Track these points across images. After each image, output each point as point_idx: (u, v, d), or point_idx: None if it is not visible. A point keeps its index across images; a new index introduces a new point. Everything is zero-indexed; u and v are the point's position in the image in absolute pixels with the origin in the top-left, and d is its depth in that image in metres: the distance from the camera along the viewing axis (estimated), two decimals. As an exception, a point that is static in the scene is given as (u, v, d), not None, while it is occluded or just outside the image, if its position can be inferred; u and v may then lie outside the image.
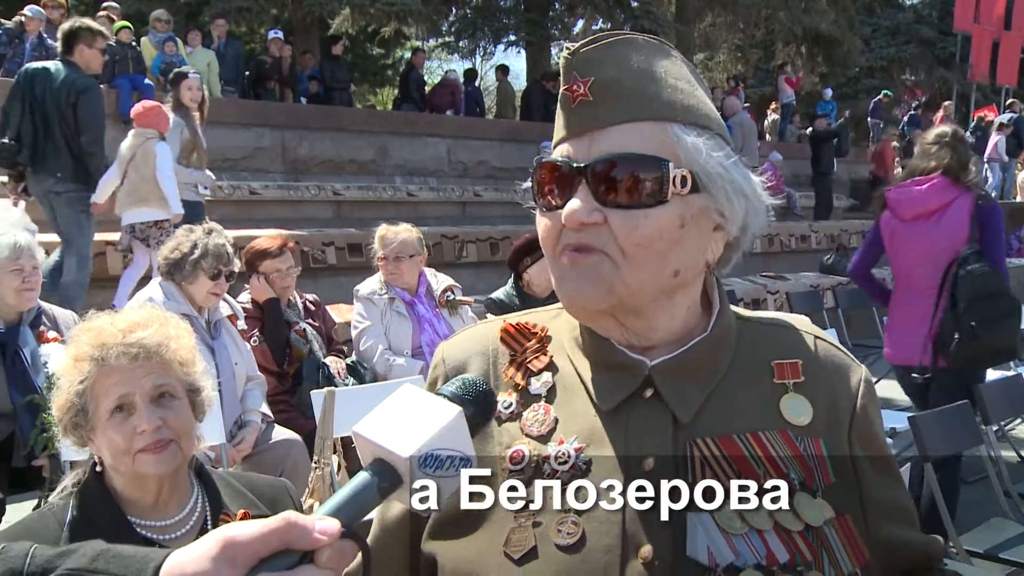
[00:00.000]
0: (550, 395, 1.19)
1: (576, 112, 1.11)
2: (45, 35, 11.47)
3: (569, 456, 1.12)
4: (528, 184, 1.20)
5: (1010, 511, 4.39)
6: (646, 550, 1.04)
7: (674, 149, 1.09)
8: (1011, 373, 6.55)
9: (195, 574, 0.80)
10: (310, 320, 5.15)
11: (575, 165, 1.10)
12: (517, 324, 1.27)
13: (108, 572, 0.84)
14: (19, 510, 3.55)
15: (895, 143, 18.61)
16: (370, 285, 5.29)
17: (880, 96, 23.64)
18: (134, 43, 11.60)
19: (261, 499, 2.12)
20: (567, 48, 1.13)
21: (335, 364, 4.99)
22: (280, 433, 4.45)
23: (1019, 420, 6.90)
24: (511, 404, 1.19)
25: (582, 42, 1.13)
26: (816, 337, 1.23)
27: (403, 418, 0.90)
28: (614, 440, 1.12)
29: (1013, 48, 23.33)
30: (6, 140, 6.71)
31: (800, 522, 1.07)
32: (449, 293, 5.37)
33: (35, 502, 3.81)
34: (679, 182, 1.08)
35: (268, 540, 0.80)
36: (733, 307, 1.24)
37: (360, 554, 0.85)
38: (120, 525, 1.91)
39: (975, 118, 21.78)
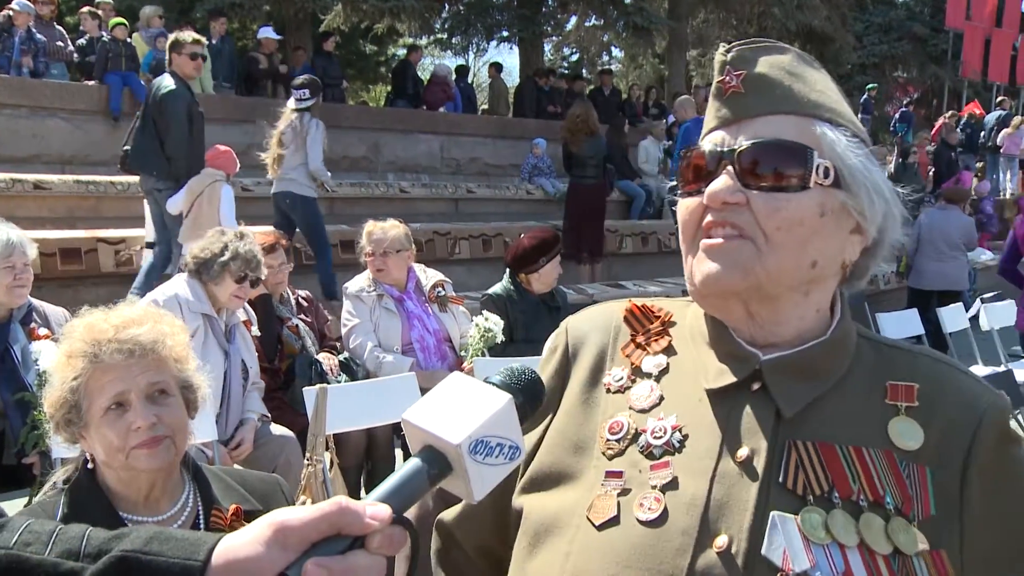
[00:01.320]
0: (660, 375, 1.22)
1: (727, 103, 1.17)
2: (34, 30, 11.44)
3: (665, 431, 1.14)
4: (672, 183, 1.24)
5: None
6: (721, 540, 1.04)
7: (818, 142, 1.12)
8: (1001, 369, 6.59)
9: (247, 558, 0.81)
10: (303, 316, 5.15)
11: (721, 150, 1.14)
12: (643, 306, 1.30)
13: (162, 554, 0.85)
14: (9, 508, 3.54)
15: (929, 147, 18.48)
16: (359, 282, 5.30)
17: (869, 91, 23.72)
18: (128, 40, 11.58)
19: (253, 494, 2.12)
20: (724, 45, 1.18)
21: (328, 361, 4.99)
22: (274, 430, 4.46)
23: (1010, 416, 6.92)
24: (622, 378, 1.23)
25: (738, 42, 1.18)
26: (940, 362, 1.20)
27: (453, 406, 0.91)
28: (714, 425, 1.13)
29: (1004, 45, 23.47)
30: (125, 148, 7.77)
31: (889, 545, 1.04)
32: (439, 289, 5.38)
33: (25, 500, 3.81)
34: (822, 172, 1.11)
35: (319, 525, 0.81)
36: (868, 330, 1.25)
37: (409, 540, 0.86)
38: (112, 521, 1.90)
39: (964, 115, 21.89)
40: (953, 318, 8.15)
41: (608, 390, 1.22)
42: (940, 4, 24.45)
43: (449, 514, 1.37)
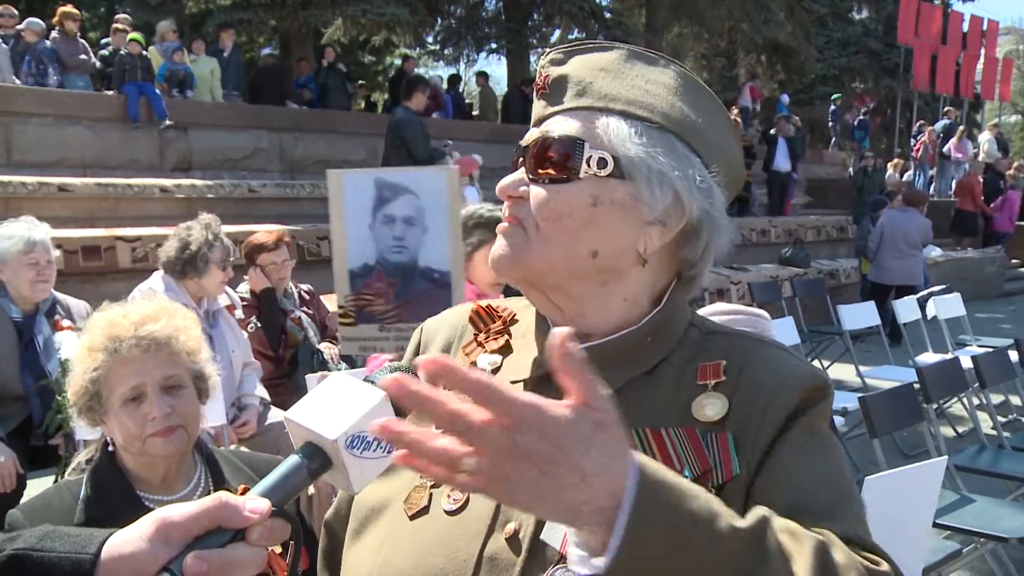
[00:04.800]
0: (493, 372, 1.18)
1: (537, 102, 1.15)
2: (47, 43, 11.57)
3: None
4: None
5: (947, 481, 4.45)
6: (511, 526, 1.02)
7: (600, 134, 1.08)
8: (949, 356, 6.64)
9: (132, 553, 0.79)
10: (305, 309, 5.15)
11: (521, 146, 1.13)
12: (487, 307, 1.27)
13: (53, 550, 0.82)
14: (37, 486, 3.54)
15: (982, 175, 18.35)
16: (362, 277, 5.30)
17: (835, 101, 23.82)
18: (144, 53, 11.55)
19: (259, 475, 2.11)
20: (547, 50, 1.15)
21: (329, 350, 4.99)
22: (276, 415, 4.44)
23: (956, 399, 6.98)
24: None
25: (561, 45, 1.15)
26: (761, 343, 1.14)
27: (332, 403, 0.90)
28: None
29: (949, 61, 23.70)
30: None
31: None
32: None
33: (52, 478, 3.81)
34: (595, 163, 1.07)
35: (200, 519, 0.79)
36: (709, 320, 1.19)
37: (290, 532, 0.84)
38: (131, 500, 1.91)
39: (918, 125, 22.06)
40: (907, 309, 8.21)
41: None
42: (892, 22, 24.53)
43: (329, 512, 1.35)
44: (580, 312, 1.12)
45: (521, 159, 1.13)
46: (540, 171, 1.09)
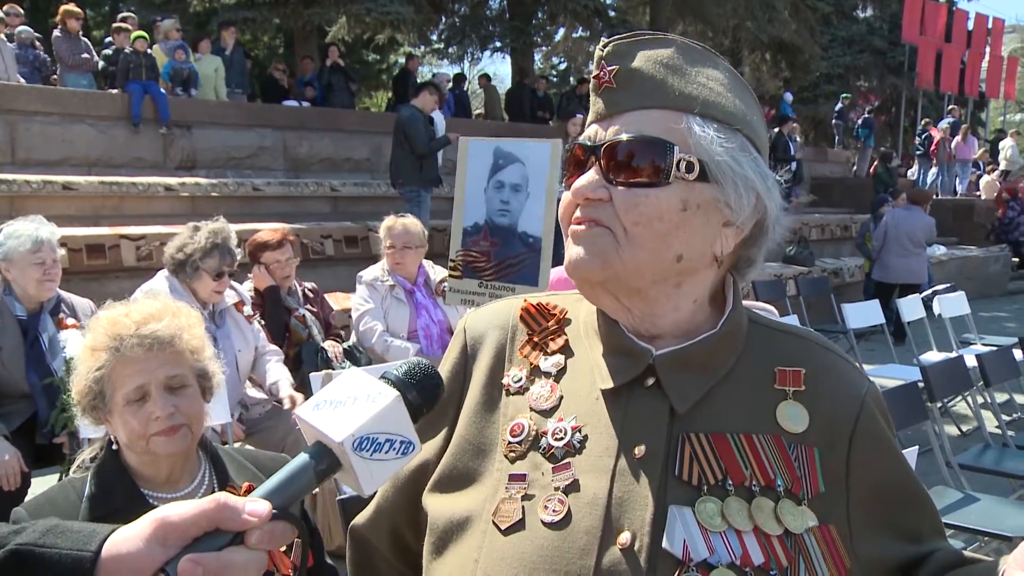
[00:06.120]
0: (559, 374, 1.15)
1: (600, 97, 1.10)
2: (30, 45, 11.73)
3: (566, 433, 1.08)
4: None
5: (951, 480, 4.45)
6: (625, 536, 1.00)
7: (684, 137, 1.05)
8: (954, 355, 6.63)
9: (129, 553, 0.78)
10: (309, 307, 5.16)
11: (590, 144, 1.09)
12: (538, 304, 1.23)
13: (55, 546, 0.80)
14: (42, 484, 3.55)
15: None
16: (373, 272, 5.31)
17: (843, 100, 23.81)
18: (148, 51, 11.55)
19: (264, 472, 2.12)
20: (604, 40, 1.11)
21: (333, 348, 4.99)
22: (282, 413, 4.44)
23: (960, 398, 6.97)
24: (520, 379, 1.16)
25: (618, 36, 1.11)
26: (825, 349, 1.17)
27: (343, 402, 0.87)
28: (611, 423, 1.08)
29: (953, 59, 23.71)
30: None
31: (780, 527, 1.01)
32: (444, 284, 5.39)
33: (57, 476, 3.81)
34: (684, 166, 1.04)
35: (199, 521, 0.77)
36: (748, 311, 1.19)
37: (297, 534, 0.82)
38: (135, 497, 1.91)
39: (924, 123, 22.03)
40: (911, 308, 8.20)
41: (508, 391, 1.16)
42: (897, 20, 24.53)
43: (361, 518, 1.30)
44: (650, 313, 1.11)
45: (592, 158, 1.08)
46: (626, 174, 1.05)
